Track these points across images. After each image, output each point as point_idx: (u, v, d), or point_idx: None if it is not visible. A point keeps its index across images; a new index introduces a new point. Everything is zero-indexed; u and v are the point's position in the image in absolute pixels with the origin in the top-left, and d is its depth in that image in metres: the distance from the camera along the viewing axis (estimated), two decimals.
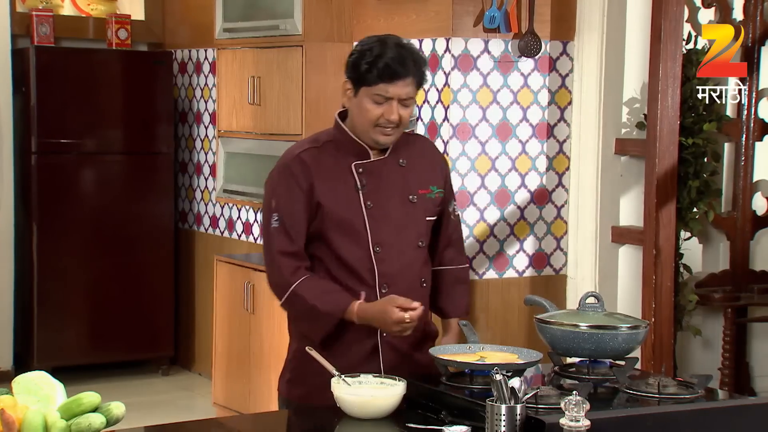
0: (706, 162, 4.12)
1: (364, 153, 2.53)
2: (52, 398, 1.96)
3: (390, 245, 2.49)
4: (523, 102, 4.21)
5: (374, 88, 2.45)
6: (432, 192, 2.59)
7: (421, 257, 2.59)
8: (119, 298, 5.61)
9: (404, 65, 2.45)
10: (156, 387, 5.58)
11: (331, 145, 2.55)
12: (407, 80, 2.46)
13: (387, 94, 2.45)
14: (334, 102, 4.69)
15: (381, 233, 2.50)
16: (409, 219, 2.55)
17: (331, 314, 2.46)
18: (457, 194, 3.81)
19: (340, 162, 2.53)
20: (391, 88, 2.45)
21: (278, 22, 4.74)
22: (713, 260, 4.48)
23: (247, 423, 2.57)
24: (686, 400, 2.20)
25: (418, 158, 2.60)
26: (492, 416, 1.96)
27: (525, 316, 3.97)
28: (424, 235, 2.58)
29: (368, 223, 2.50)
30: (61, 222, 5.48)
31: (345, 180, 2.52)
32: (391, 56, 2.44)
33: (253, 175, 5.04)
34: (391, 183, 2.54)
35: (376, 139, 2.51)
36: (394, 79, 2.44)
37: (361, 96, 2.48)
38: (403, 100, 2.47)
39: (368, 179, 2.52)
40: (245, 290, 4.73)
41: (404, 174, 2.56)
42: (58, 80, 5.46)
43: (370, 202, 2.51)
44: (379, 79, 2.44)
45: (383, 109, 2.46)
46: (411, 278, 2.55)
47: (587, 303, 2.45)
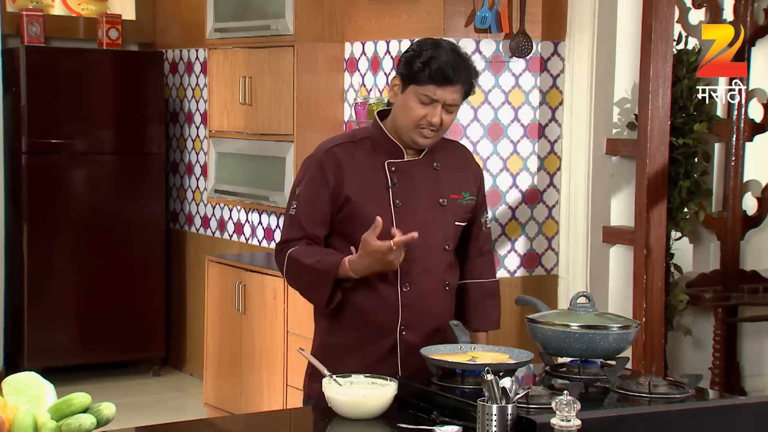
0: (696, 162, 4.13)
1: (399, 152, 2.56)
2: (42, 399, 1.95)
3: (416, 245, 2.49)
4: (514, 102, 4.22)
5: (423, 87, 2.47)
6: (464, 198, 2.61)
7: (447, 260, 2.60)
8: (110, 299, 5.60)
9: (457, 71, 2.48)
10: (147, 387, 5.57)
11: (367, 141, 2.57)
12: (456, 87, 2.49)
13: (434, 96, 2.47)
14: (325, 102, 4.69)
15: (407, 232, 2.49)
16: (437, 221, 2.56)
17: (327, 272, 2.46)
18: None
19: (373, 159, 2.55)
20: (440, 92, 2.47)
21: (269, 22, 4.74)
22: (704, 260, 4.49)
23: (239, 423, 2.57)
24: (677, 399, 2.21)
25: (453, 163, 2.62)
26: (483, 416, 1.96)
27: (516, 316, 3.98)
28: (451, 239, 2.60)
29: (395, 221, 2.51)
30: (52, 222, 5.46)
31: (376, 177, 2.54)
32: (446, 60, 2.47)
33: (244, 176, 5.03)
34: (423, 184, 2.56)
35: (415, 140, 2.53)
36: (444, 83, 2.47)
37: (408, 93, 2.50)
38: (448, 106, 2.50)
39: (400, 178, 2.54)
40: (236, 290, 4.73)
41: (437, 177, 2.58)
42: (49, 80, 5.45)
43: (399, 200, 2.53)
44: (429, 80, 2.46)
45: (427, 110, 2.49)
46: (434, 280, 2.56)
47: (578, 303, 2.45)
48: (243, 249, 5.34)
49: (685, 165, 4.07)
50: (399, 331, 2.54)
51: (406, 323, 2.54)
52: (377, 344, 2.54)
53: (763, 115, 4.44)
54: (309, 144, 4.64)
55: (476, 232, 2.68)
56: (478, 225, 2.68)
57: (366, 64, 4.58)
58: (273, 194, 4.78)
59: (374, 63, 4.54)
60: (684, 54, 4.10)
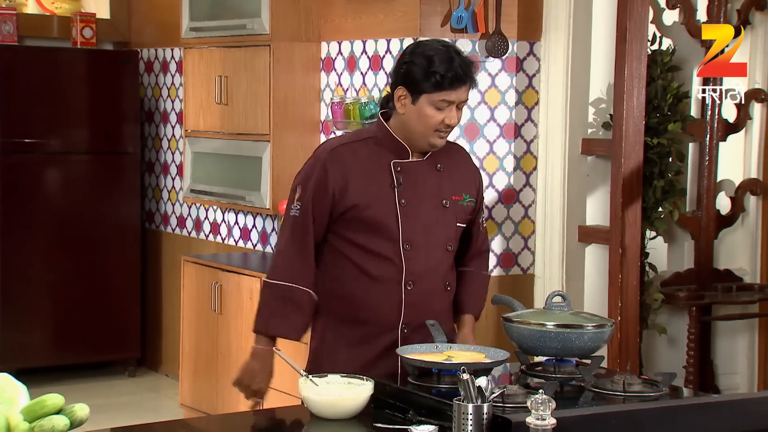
0: (671, 162, 4.16)
1: (405, 152, 2.58)
2: (15, 400, 1.93)
3: (419, 244, 2.54)
4: (490, 102, 4.23)
5: (439, 94, 2.50)
6: (464, 200, 2.64)
7: (448, 261, 2.63)
8: (85, 299, 5.56)
9: (465, 72, 2.53)
10: (122, 388, 5.54)
11: (372, 141, 2.60)
12: (467, 85, 2.54)
13: (450, 99, 2.51)
14: (301, 101, 4.68)
15: (411, 231, 2.55)
16: (439, 222, 2.59)
17: (261, 324, 2.61)
18: None
19: (378, 159, 2.57)
20: (454, 94, 2.51)
21: (245, 21, 4.72)
22: (678, 259, 4.52)
23: (215, 424, 2.56)
24: (651, 398, 2.22)
25: (455, 166, 2.66)
26: (459, 415, 1.96)
27: (493, 316, 3.99)
28: (452, 240, 2.63)
29: (401, 219, 2.54)
30: (26, 222, 5.42)
31: (381, 176, 2.56)
32: (453, 62, 2.51)
33: (220, 175, 5.01)
34: (426, 185, 2.59)
35: (434, 143, 2.56)
36: (457, 85, 2.51)
37: (421, 103, 2.52)
38: (461, 103, 2.54)
39: (404, 178, 2.57)
40: (213, 291, 4.71)
41: (440, 178, 2.61)
42: (22, 79, 5.40)
43: (404, 200, 2.55)
44: (443, 87, 2.49)
45: (444, 114, 2.52)
46: (436, 280, 2.59)
47: (554, 302, 2.46)
48: (219, 249, 5.32)
49: (660, 165, 4.09)
50: (401, 329, 2.56)
51: (408, 321, 2.57)
52: (378, 341, 2.56)
53: (737, 115, 4.48)
54: (286, 144, 4.63)
55: (476, 232, 2.73)
56: (477, 226, 2.72)
57: (342, 63, 4.58)
58: (249, 194, 4.77)
59: (350, 63, 4.53)
60: (658, 54, 4.13)
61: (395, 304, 2.55)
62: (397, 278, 2.54)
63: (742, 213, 4.55)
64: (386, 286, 2.55)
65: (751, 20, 4.45)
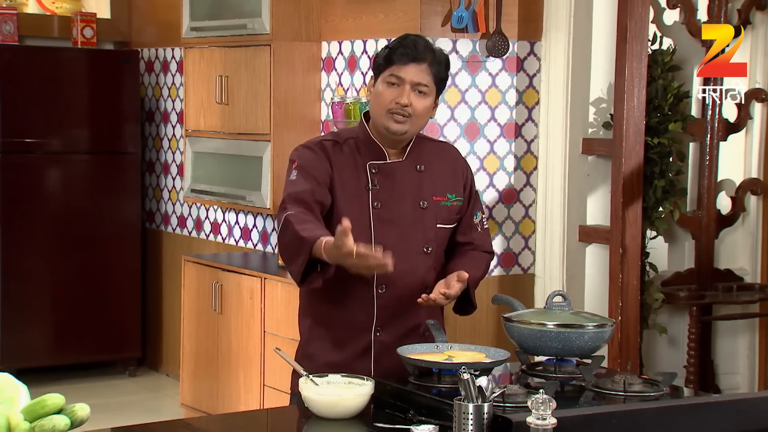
0: (671, 161, 4.16)
1: (381, 154, 2.56)
2: (15, 400, 1.94)
3: (392, 247, 2.46)
4: (491, 102, 4.23)
5: (389, 69, 2.49)
6: (449, 200, 2.60)
7: (426, 263, 2.58)
8: (85, 299, 5.56)
9: (417, 48, 2.49)
10: (123, 388, 5.54)
11: (352, 142, 2.58)
12: (421, 66, 2.49)
13: (399, 74, 2.48)
14: (302, 101, 4.68)
15: (385, 234, 2.51)
16: (416, 224, 2.55)
17: (307, 240, 2.39)
18: None
19: (356, 159, 2.55)
20: (404, 70, 2.48)
21: (246, 21, 4.72)
22: (678, 259, 4.52)
23: (215, 424, 2.56)
24: (651, 397, 2.22)
25: (438, 165, 2.61)
26: (459, 415, 1.96)
27: (493, 315, 3.99)
28: (431, 241, 2.57)
29: (373, 222, 2.51)
30: (26, 222, 5.42)
31: (358, 177, 2.54)
32: (409, 40, 2.50)
33: (220, 175, 5.01)
34: (404, 187, 2.55)
35: (388, 126, 2.51)
36: (407, 60, 2.48)
37: (378, 83, 2.52)
38: (417, 85, 2.49)
39: (380, 180, 2.54)
40: (213, 290, 4.71)
41: (420, 179, 2.57)
42: (23, 79, 5.40)
43: (378, 202, 2.53)
44: (393, 61, 2.48)
45: (396, 92, 2.48)
46: (412, 282, 2.55)
47: (554, 302, 2.46)
48: (220, 249, 5.32)
49: (660, 164, 4.09)
50: (374, 331, 2.55)
51: (381, 324, 2.55)
52: (352, 343, 2.54)
53: (737, 115, 4.48)
54: (286, 143, 4.63)
55: (464, 229, 2.64)
56: (472, 227, 2.65)
57: (343, 63, 4.58)
58: (250, 194, 4.77)
59: (351, 62, 4.53)
60: (659, 54, 4.13)
61: (367, 306, 2.53)
62: (369, 281, 2.51)
63: (743, 213, 4.55)
64: (358, 288, 2.52)
65: (752, 20, 4.46)
